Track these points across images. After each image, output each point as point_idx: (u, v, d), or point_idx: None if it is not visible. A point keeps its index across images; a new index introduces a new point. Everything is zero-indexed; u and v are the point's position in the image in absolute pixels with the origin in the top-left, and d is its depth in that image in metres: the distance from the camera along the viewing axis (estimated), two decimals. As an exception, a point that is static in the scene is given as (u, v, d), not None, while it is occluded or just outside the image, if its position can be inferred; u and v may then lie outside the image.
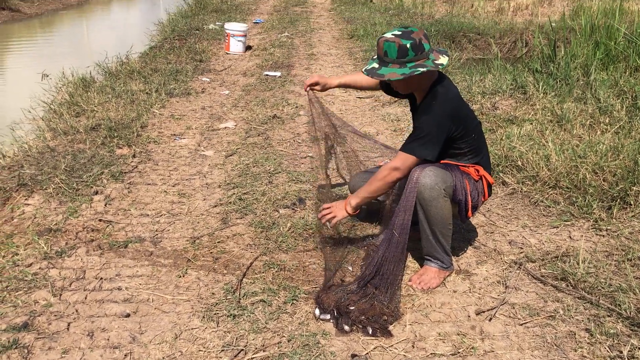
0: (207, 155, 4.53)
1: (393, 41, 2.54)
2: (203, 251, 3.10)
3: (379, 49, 2.61)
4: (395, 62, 2.56)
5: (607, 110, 4.95)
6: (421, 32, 2.60)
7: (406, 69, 2.55)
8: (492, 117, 5.14)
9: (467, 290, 2.75)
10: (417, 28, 2.64)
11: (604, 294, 2.63)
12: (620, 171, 3.60)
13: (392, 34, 2.58)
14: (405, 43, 2.53)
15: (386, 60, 2.59)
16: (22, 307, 2.57)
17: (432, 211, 2.62)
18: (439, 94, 2.63)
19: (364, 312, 2.49)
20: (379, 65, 2.61)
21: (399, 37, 2.54)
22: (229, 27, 8.72)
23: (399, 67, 2.55)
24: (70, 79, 6.53)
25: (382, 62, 2.61)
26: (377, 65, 2.63)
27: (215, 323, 2.49)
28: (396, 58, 2.55)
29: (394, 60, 2.56)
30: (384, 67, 2.59)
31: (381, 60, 2.61)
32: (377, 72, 2.61)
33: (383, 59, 2.60)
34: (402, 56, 2.54)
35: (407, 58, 2.54)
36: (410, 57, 2.54)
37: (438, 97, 2.62)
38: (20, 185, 3.73)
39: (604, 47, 6.53)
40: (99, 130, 4.80)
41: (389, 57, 2.57)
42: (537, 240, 3.20)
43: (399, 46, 2.53)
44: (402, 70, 2.55)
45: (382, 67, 2.60)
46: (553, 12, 12.25)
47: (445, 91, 2.65)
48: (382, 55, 2.59)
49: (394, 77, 2.56)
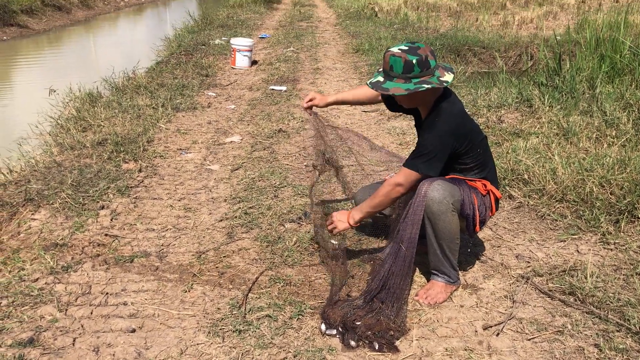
0: (213, 169, 4.53)
1: (399, 56, 2.55)
2: (209, 266, 3.09)
3: (385, 62, 2.62)
4: (401, 77, 2.56)
5: (614, 123, 4.94)
6: (428, 48, 2.60)
7: (411, 84, 2.55)
8: (498, 130, 5.14)
9: (474, 305, 2.73)
10: (424, 44, 2.64)
11: (612, 309, 2.61)
12: (628, 184, 3.58)
13: (399, 48, 2.58)
14: (412, 59, 2.53)
15: (391, 75, 2.59)
16: (28, 323, 2.57)
17: (440, 225, 2.60)
18: (443, 110, 2.63)
19: (371, 328, 2.48)
20: (384, 79, 2.61)
21: (405, 52, 2.55)
22: (235, 42, 8.78)
23: (404, 82, 2.56)
24: (78, 94, 6.57)
25: (388, 76, 2.61)
26: (382, 78, 2.63)
27: (221, 338, 2.48)
28: (401, 73, 2.55)
29: (399, 75, 2.56)
30: (389, 81, 2.59)
31: (386, 74, 2.62)
32: (381, 86, 2.61)
33: (389, 72, 2.60)
34: (408, 72, 2.54)
35: (412, 74, 2.54)
36: (415, 73, 2.54)
37: (442, 114, 2.62)
38: (27, 200, 3.74)
39: (609, 60, 6.52)
40: (106, 145, 4.82)
41: (395, 72, 2.57)
42: (545, 254, 3.18)
43: (405, 61, 2.53)
44: (406, 86, 2.55)
45: (387, 81, 2.60)
46: (558, 25, 12.28)
47: (449, 107, 2.64)
48: (388, 69, 2.59)
49: (398, 92, 2.56)
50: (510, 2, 16.71)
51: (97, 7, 20.86)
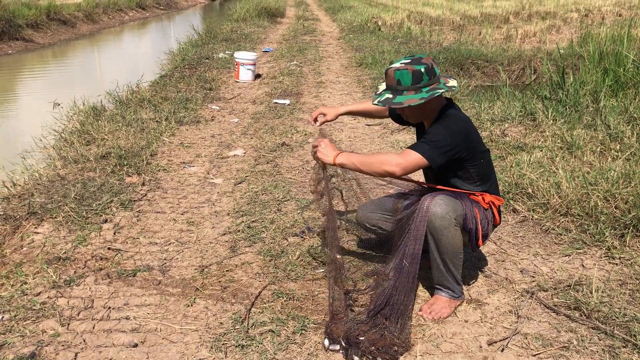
0: (216, 183, 4.53)
1: (405, 69, 2.56)
2: (211, 280, 3.08)
3: (389, 79, 2.62)
4: (410, 89, 2.57)
5: (618, 137, 4.93)
6: (429, 57, 2.63)
7: (423, 93, 2.56)
8: (502, 144, 5.13)
9: (478, 320, 2.71)
10: (424, 54, 2.66)
11: (618, 324, 2.58)
12: (633, 198, 3.56)
13: (401, 62, 2.60)
14: (419, 68, 2.55)
15: (399, 89, 2.59)
16: (30, 337, 2.56)
17: (443, 240, 2.59)
18: (451, 114, 2.66)
19: (374, 343, 2.46)
20: (393, 95, 2.61)
21: (410, 64, 2.56)
22: (239, 55, 8.82)
23: (415, 93, 2.56)
24: (82, 107, 6.60)
25: (395, 91, 2.61)
26: (390, 95, 2.62)
27: (223, 353, 2.46)
28: (411, 84, 2.56)
29: (408, 87, 2.57)
30: (399, 96, 2.59)
31: (394, 90, 2.61)
32: (393, 101, 2.60)
33: (396, 88, 2.60)
34: (417, 82, 2.55)
35: (422, 83, 2.56)
36: (425, 82, 2.56)
37: (451, 116, 2.65)
38: (30, 213, 3.74)
39: (612, 73, 6.53)
40: (109, 158, 4.83)
41: (403, 85, 2.57)
42: (549, 269, 3.16)
43: (413, 72, 2.54)
44: (420, 95, 2.55)
45: (397, 96, 2.60)
46: (561, 39, 12.31)
47: (457, 112, 2.69)
48: (395, 84, 2.59)
49: (414, 103, 2.56)
50: (513, 16, 16.77)
51: (102, 22, 21.01)
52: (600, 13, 16.04)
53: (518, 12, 17.31)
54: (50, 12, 17.39)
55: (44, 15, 16.94)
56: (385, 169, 2.58)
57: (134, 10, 25.33)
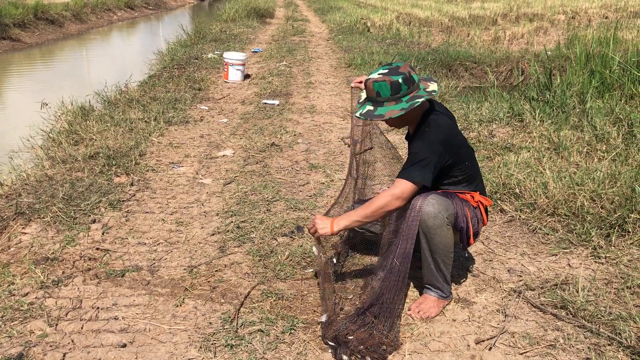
0: (205, 183, 4.53)
1: (383, 80, 2.57)
2: (200, 280, 3.08)
3: (368, 90, 2.64)
4: (390, 100, 2.59)
5: (604, 138, 4.98)
6: (407, 65, 2.64)
7: (403, 103, 2.58)
8: (490, 144, 5.17)
9: (466, 319, 2.73)
10: (401, 62, 2.67)
11: (604, 323, 2.61)
12: (618, 198, 3.60)
13: (379, 73, 2.62)
14: (397, 78, 2.56)
15: (380, 100, 2.61)
16: (18, 338, 2.54)
17: (435, 239, 2.61)
18: (431, 121, 2.67)
19: (363, 342, 2.47)
20: (374, 107, 2.64)
21: (387, 75, 2.58)
22: (228, 56, 8.80)
23: (396, 104, 2.59)
24: (70, 107, 6.55)
25: (376, 102, 2.63)
26: (371, 107, 2.65)
27: (212, 353, 2.46)
28: (390, 95, 2.58)
29: (388, 98, 2.59)
30: (379, 108, 2.62)
31: (374, 102, 2.64)
32: (374, 114, 2.63)
33: (376, 99, 2.62)
34: (396, 92, 2.58)
35: (401, 93, 2.58)
36: (404, 92, 2.58)
37: (431, 124, 2.66)
38: (17, 213, 3.72)
39: (599, 75, 6.59)
40: (98, 158, 4.81)
41: (383, 97, 2.60)
42: (536, 268, 3.19)
43: (391, 83, 2.56)
44: (400, 106, 2.57)
45: (378, 108, 2.62)
46: (548, 41, 12.40)
47: (437, 119, 2.68)
48: (375, 96, 2.62)
49: (395, 114, 2.58)
50: (501, 18, 16.86)
51: (90, 21, 20.90)
52: (587, 15, 16.17)
53: (506, 14, 17.41)
54: (38, 12, 17.28)
55: (31, 14, 16.83)
56: (388, 210, 2.61)
57: (123, 10, 25.21)
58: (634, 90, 6.18)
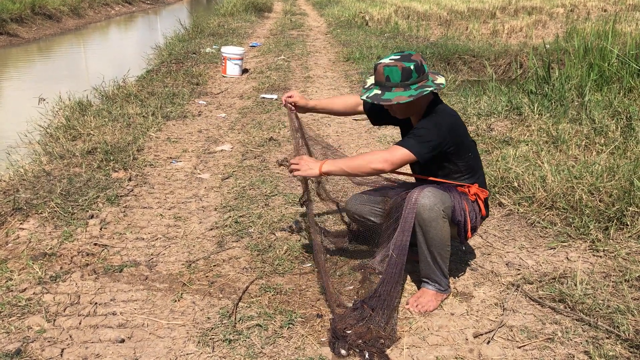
0: (203, 178, 4.52)
1: (395, 65, 2.56)
2: (199, 275, 3.08)
3: (378, 74, 2.62)
4: (400, 86, 2.58)
5: (602, 131, 4.97)
6: (419, 54, 2.64)
7: (412, 90, 2.56)
8: (488, 138, 5.16)
9: (464, 313, 2.73)
10: (413, 51, 2.67)
11: (602, 316, 2.61)
12: (616, 192, 3.60)
13: (391, 58, 2.60)
14: (409, 65, 2.56)
15: (388, 85, 2.59)
16: (15, 333, 2.54)
17: (431, 232, 2.61)
18: (438, 109, 2.68)
19: (361, 336, 2.47)
20: (382, 91, 2.61)
21: (400, 61, 2.57)
22: (226, 50, 8.78)
23: (404, 90, 2.57)
24: (67, 102, 6.55)
25: (384, 87, 2.61)
26: (379, 91, 2.62)
27: (210, 348, 2.46)
28: (400, 81, 2.57)
29: (397, 84, 2.58)
30: (387, 92, 2.59)
31: (382, 86, 2.62)
32: (382, 98, 2.60)
33: (385, 84, 2.60)
34: (406, 79, 2.56)
35: (411, 80, 2.57)
36: (414, 79, 2.57)
37: (438, 111, 2.67)
38: (15, 209, 3.71)
39: (597, 68, 6.59)
40: (95, 153, 4.80)
41: (392, 82, 2.58)
42: (534, 262, 3.19)
43: (403, 69, 2.55)
44: (408, 93, 2.56)
45: (386, 92, 2.60)
46: (547, 34, 12.38)
47: (445, 107, 2.71)
48: (384, 80, 2.60)
49: (403, 100, 2.56)
50: (499, 11, 16.84)
51: (88, 16, 20.83)
52: (586, 8, 16.16)
53: (504, 7, 17.38)
54: (35, 6, 17.21)
55: (28, 9, 16.76)
56: (373, 167, 2.57)
57: (120, 5, 25.13)
58: (632, 83, 6.17)
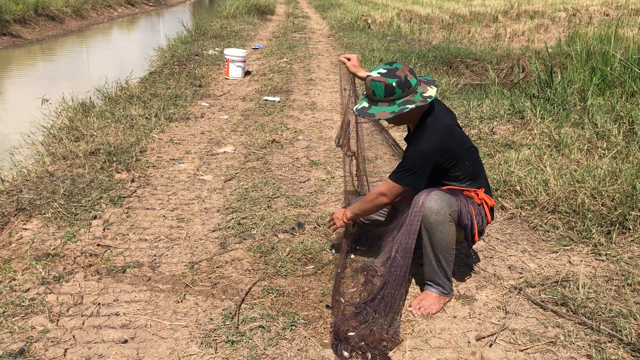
0: (206, 179, 4.53)
1: (379, 80, 2.60)
2: (201, 276, 3.08)
3: (367, 88, 2.69)
4: (384, 101, 2.63)
5: (605, 135, 4.98)
6: (406, 67, 2.64)
7: (395, 106, 2.60)
8: (490, 142, 5.17)
9: (467, 316, 2.74)
10: (402, 63, 2.68)
11: (604, 320, 2.62)
12: (619, 196, 3.60)
13: (378, 72, 2.64)
14: (391, 82, 2.58)
15: (375, 99, 2.66)
16: (19, 333, 2.55)
17: (437, 236, 2.61)
18: (427, 126, 2.69)
19: (364, 338, 2.47)
20: (369, 104, 2.69)
21: (384, 76, 2.60)
22: (229, 52, 8.79)
23: (388, 105, 2.62)
24: (70, 103, 6.56)
25: (372, 100, 2.69)
26: (367, 104, 2.70)
27: (213, 349, 2.47)
28: (384, 97, 2.61)
29: (382, 99, 2.62)
30: (373, 106, 2.67)
31: (370, 99, 2.69)
32: (367, 112, 2.68)
33: (372, 97, 2.67)
34: (390, 94, 2.60)
35: (394, 96, 2.60)
36: (397, 95, 2.60)
37: (426, 130, 2.68)
38: (18, 209, 3.72)
39: (600, 72, 6.59)
40: (98, 154, 4.81)
41: (377, 97, 2.64)
42: (537, 265, 3.20)
43: (386, 85, 2.59)
44: (391, 109, 2.61)
45: (372, 106, 2.67)
46: (549, 38, 12.39)
47: (433, 123, 2.69)
48: (371, 94, 2.66)
49: (385, 117, 2.65)
50: (502, 15, 16.85)
51: (91, 18, 20.86)
52: (588, 12, 16.17)
53: (507, 11, 17.40)
54: (38, 8, 17.23)
55: (31, 10, 16.79)
56: (377, 204, 2.82)
57: (123, 7, 25.16)
58: (634, 87, 6.17)
